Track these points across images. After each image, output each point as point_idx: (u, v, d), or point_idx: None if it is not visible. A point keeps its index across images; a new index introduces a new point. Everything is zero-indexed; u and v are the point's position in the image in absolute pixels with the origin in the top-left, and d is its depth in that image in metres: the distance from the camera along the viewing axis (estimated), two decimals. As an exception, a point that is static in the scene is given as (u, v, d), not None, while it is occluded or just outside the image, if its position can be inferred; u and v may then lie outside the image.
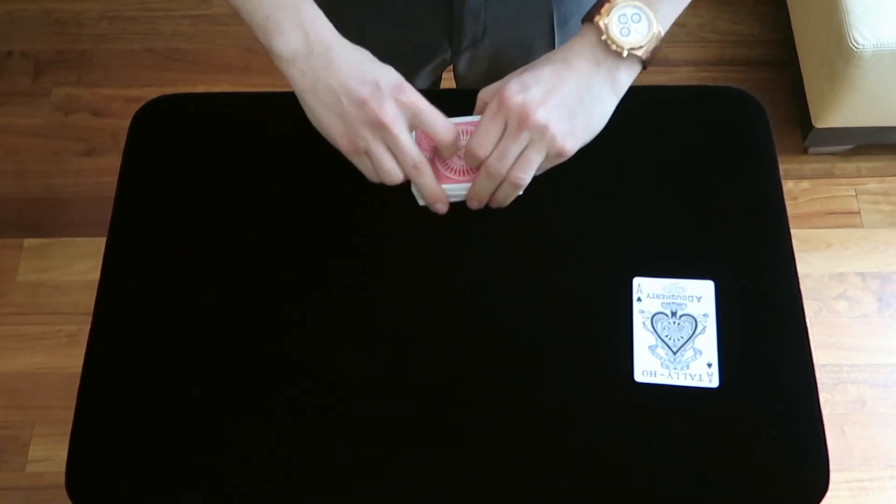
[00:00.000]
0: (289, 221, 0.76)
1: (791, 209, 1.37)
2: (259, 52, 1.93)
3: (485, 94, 0.74)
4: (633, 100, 0.75)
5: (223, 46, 1.95)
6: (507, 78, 0.71)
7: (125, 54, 1.94)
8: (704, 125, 0.82)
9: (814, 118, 1.72)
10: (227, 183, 0.78)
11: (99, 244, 0.76)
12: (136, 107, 0.83)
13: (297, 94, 0.71)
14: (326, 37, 0.70)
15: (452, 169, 0.73)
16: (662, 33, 0.70)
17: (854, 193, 1.79)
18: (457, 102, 0.83)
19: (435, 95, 1.00)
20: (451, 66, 1.01)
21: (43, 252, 1.70)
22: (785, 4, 1.88)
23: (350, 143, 0.70)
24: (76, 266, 1.68)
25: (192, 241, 0.76)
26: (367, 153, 0.70)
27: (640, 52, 0.69)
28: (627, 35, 0.68)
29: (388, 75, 0.70)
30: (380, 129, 0.68)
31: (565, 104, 0.68)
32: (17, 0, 2.00)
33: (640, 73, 0.72)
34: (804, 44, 1.77)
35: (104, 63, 1.93)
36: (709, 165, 0.80)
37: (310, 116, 0.72)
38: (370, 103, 0.67)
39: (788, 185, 1.78)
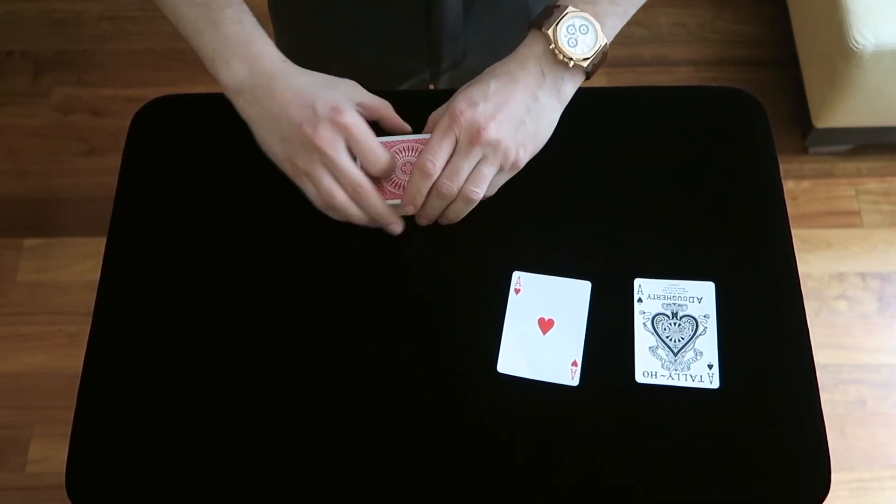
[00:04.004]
0: (288, 221, 0.76)
1: (791, 209, 1.36)
2: (259, 52, 1.93)
3: (435, 115, 0.73)
4: (634, 100, 0.75)
5: (223, 46, 1.95)
6: (453, 97, 0.71)
7: (125, 54, 1.94)
8: (704, 125, 0.82)
9: (814, 118, 1.72)
10: (226, 183, 0.78)
11: (99, 244, 0.76)
12: (136, 107, 0.83)
13: (246, 122, 0.73)
14: (269, 67, 0.71)
15: (396, 184, 0.73)
16: (608, 46, 0.70)
17: (854, 193, 1.79)
18: (435, 105, 0.82)
19: (413, 97, 1.00)
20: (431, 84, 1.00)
21: (43, 252, 1.70)
22: (785, 4, 1.89)
23: (292, 167, 0.71)
24: (76, 266, 1.68)
25: (191, 241, 0.76)
26: (308, 176, 0.70)
27: (585, 64, 0.69)
28: (575, 46, 0.69)
29: (329, 96, 0.70)
30: (316, 152, 0.69)
31: (514, 117, 0.69)
32: (17, 0, 2.00)
33: (583, 83, 0.72)
34: (804, 44, 1.77)
35: (104, 63, 1.93)
36: (709, 165, 0.80)
37: (259, 145, 0.73)
38: (304, 127, 0.68)
39: (788, 185, 1.78)
